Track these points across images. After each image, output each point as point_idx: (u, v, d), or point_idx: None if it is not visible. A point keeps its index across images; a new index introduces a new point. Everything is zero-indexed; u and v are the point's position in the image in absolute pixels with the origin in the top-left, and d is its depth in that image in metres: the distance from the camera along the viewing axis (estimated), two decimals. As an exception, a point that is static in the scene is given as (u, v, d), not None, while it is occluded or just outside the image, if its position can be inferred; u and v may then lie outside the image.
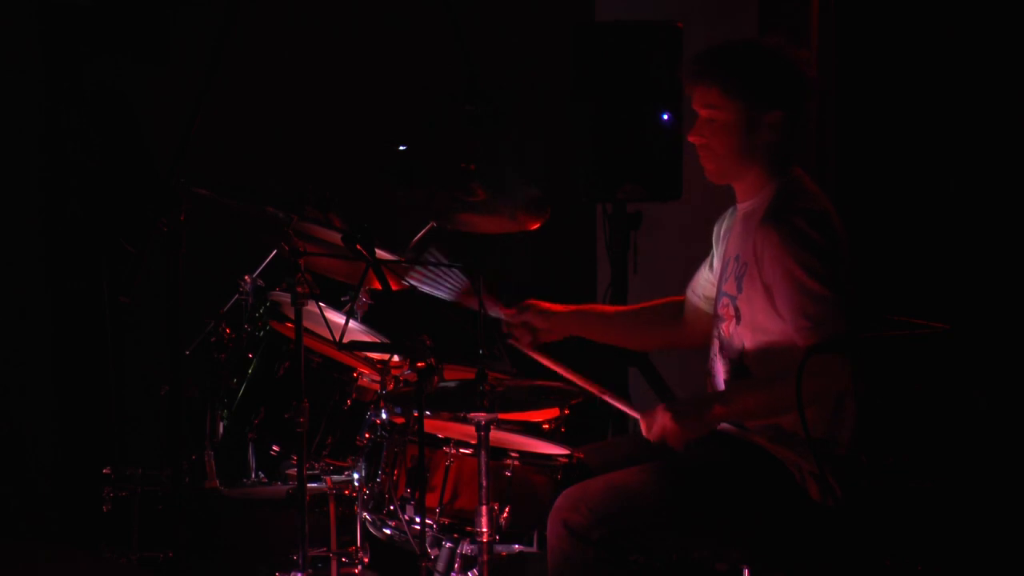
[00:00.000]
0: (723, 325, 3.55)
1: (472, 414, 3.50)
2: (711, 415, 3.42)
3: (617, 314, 3.99)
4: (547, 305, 3.84)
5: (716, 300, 3.60)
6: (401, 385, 3.89)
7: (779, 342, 3.38)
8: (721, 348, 3.56)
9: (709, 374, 3.62)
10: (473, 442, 3.55)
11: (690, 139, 3.55)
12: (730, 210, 3.67)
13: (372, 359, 4.04)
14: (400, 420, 3.80)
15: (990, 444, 4.74)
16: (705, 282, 3.77)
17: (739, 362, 3.50)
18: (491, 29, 5.01)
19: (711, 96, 3.49)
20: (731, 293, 3.51)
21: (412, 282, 3.79)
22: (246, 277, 4.07)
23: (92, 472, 4.00)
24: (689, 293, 3.83)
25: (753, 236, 3.43)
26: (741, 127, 3.48)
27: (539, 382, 3.78)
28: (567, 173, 5.04)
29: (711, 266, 3.75)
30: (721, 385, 3.55)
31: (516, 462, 3.64)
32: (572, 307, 3.87)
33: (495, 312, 3.81)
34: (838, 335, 3.27)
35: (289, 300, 3.66)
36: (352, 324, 4.02)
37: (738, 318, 3.49)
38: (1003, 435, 4.76)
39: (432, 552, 3.72)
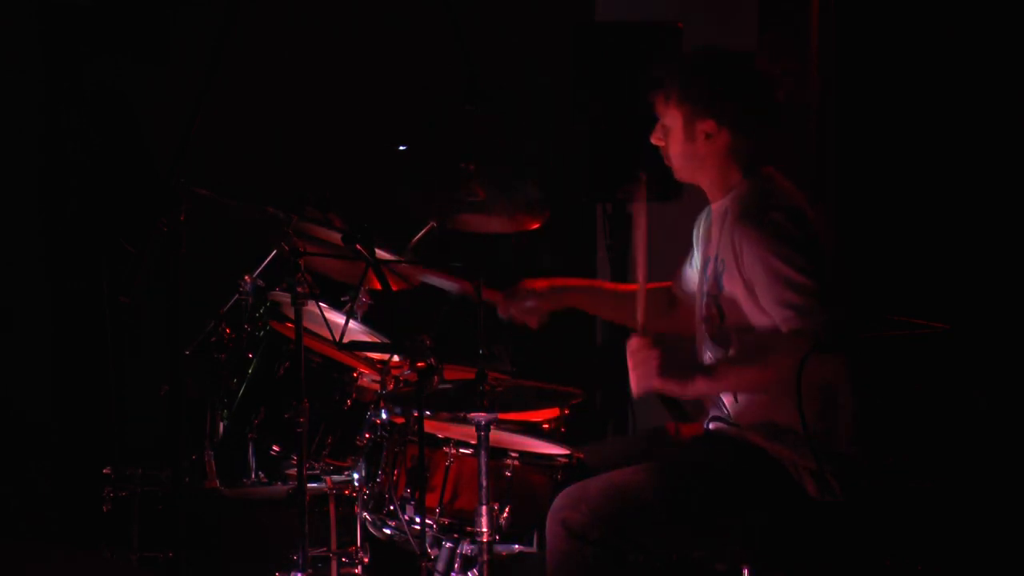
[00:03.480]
0: (707, 325, 3.56)
1: (472, 414, 3.49)
2: (691, 379, 3.44)
3: (615, 292, 4.00)
4: (537, 284, 3.86)
5: (699, 301, 3.62)
6: (401, 385, 3.88)
7: (763, 329, 3.40)
8: (708, 348, 3.57)
9: None
10: (473, 442, 3.55)
11: (651, 140, 3.62)
12: (706, 209, 3.70)
13: (372, 359, 4.04)
14: (400, 420, 3.80)
15: (990, 444, 4.74)
16: (688, 279, 3.80)
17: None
18: (491, 29, 5.01)
19: (660, 103, 3.59)
20: (712, 293, 3.54)
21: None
22: (246, 277, 4.07)
23: (92, 472, 3.99)
24: (675, 288, 3.86)
25: (730, 234, 3.46)
26: (682, 134, 3.57)
27: (540, 383, 3.79)
28: (567, 173, 5.04)
29: (691, 262, 3.78)
30: None
31: (516, 462, 3.64)
32: (570, 282, 3.89)
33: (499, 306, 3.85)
34: (824, 326, 3.28)
35: (289, 300, 3.66)
36: (352, 324, 4.02)
37: (721, 316, 3.51)
38: (1003, 435, 4.76)
39: (432, 552, 3.72)
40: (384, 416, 3.81)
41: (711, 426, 3.59)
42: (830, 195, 5.33)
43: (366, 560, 3.90)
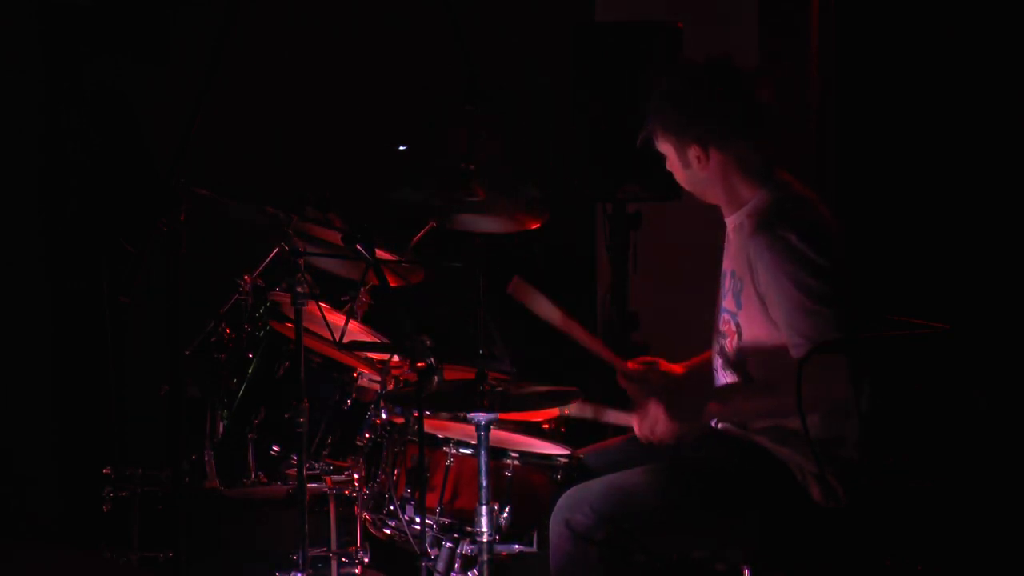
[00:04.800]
0: (726, 341, 3.54)
1: (472, 414, 3.49)
2: (705, 413, 3.44)
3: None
4: (669, 367, 3.82)
5: (716, 316, 3.59)
6: (401, 385, 3.88)
7: (781, 354, 3.38)
8: (724, 364, 3.55)
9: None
10: (473, 442, 3.55)
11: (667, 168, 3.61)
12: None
13: (372, 359, 4.04)
14: (400, 420, 3.80)
15: (990, 444, 4.74)
16: None
17: (745, 376, 3.49)
18: (491, 29, 5.01)
19: (654, 135, 3.57)
20: (731, 310, 3.51)
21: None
22: (246, 277, 4.07)
23: (92, 472, 4.00)
24: None
25: (745, 250, 3.42)
26: (677, 161, 3.54)
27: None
28: (567, 173, 5.04)
29: None
30: None
31: (516, 462, 3.64)
32: (687, 365, 3.85)
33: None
34: (837, 343, 3.26)
35: (289, 300, 3.66)
36: (352, 324, 4.02)
37: (740, 334, 3.49)
38: (1003, 435, 4.76)
39: (432, 552, 3.72)
40: (384, 416, 3.81)
41: (719, 425, 3.58)
42: (830, 195, 5.34)
43: (366, 560, 3.90)
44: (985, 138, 5.07)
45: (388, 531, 3.79)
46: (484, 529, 3.49)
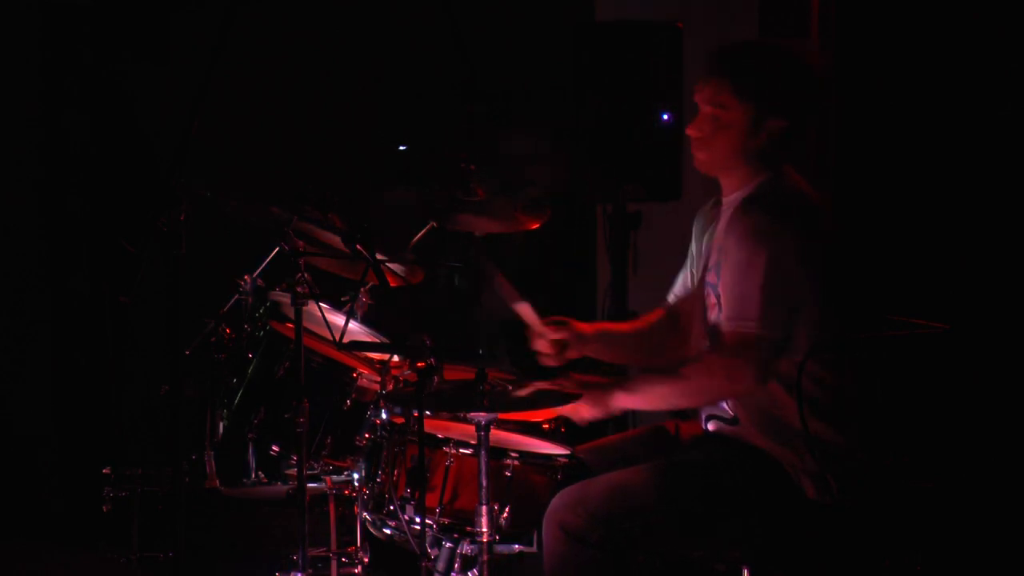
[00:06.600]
0: (708, 314, 3.56)
1: (472, 414, 3.49)
2: (613, 402, 3.52)
3: (632, 335, 3.94)
4: (580, 327, 3.84)
5: (702, 289, 3.60)
6: (401, 385, 3.88)
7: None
8: (706, 334, 3.57)
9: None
10: (473, 442, 3.55)
11: (688, 131, 3.56)
12: (710, 202, 3.67)
13: (372, 359, 4.04)
14: (400, 420, 3.80)
15: (990, 444, 4.74)
16: (684, 281, 3.79)
17: None
18: (491, 29, 5.01)
19: (722, 94, 3.49)
20: (713, 282, 3.52)
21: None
22: (246, 277, 4.07)
23: (92, 472, 4.00)
24: (678, 303, 3.82)
25: (733, 223, 3.45)
26: (744, 129, 3.48)
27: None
28: (567, 173, 5.04)
29: (686, 264, 3.78)
30: None
31: (516, 462, 3.64)
32: (595, 328, 3.88)
33: (529, 319, 3.81)
34: (755, 339, 3.30)
35: (289, 300, 3.66)
36: (352, 324, 4.01)
37: (719, 305, 3.50)
38: (1003, 435, 4.76)
39: (432, 552, 3.72)
40: (384, 416, 3.81)
41: (710, 426, 3.58)
42: (829, 195, 5.34)
43: (366, 560, 3.90)
44: (985, 138, 5.07)
45: (388, 531, 3.79)
46: (484, 529, 3.49)
